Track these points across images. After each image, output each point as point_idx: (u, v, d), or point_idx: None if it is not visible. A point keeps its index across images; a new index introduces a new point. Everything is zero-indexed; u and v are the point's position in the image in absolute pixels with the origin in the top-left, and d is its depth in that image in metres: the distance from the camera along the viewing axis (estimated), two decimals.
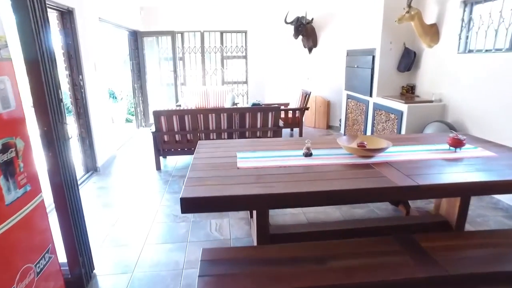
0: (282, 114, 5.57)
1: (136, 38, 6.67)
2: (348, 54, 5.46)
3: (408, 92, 4.45)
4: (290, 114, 5.72)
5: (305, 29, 6.10)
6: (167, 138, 4.16)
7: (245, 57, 7.61)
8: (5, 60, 1.42)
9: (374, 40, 4.47)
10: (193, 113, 4.03)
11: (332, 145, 2.32)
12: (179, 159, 4.69)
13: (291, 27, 6.17)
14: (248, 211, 2.84)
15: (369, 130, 4.76)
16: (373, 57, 4.52)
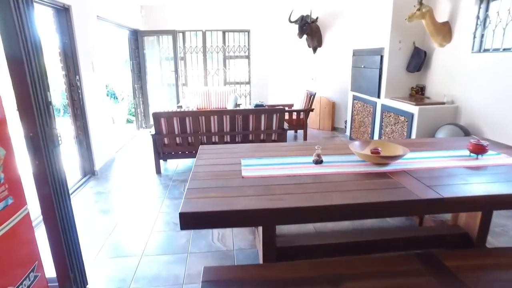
0: (286, 116, 5.42)
1: (137, 37, 6.52)
2: (355, 54, 5.29)
3: (418, 93, 4.28)
4: (295, 116, 5.56)
5: (310, 28, 5.94)
6: (168, 141, 4.00)
7: (248, 57, 7.46)
8: None
9: (383, 39, 4.31)
10: (195, 115, 3.87)
11: (344, 151, 2.16)
12: (180, 162, 4.54)
13: (296, 26, 6.00)
14: None
15: (377, 133, 4.59)
16: (381, 57, 4.36)
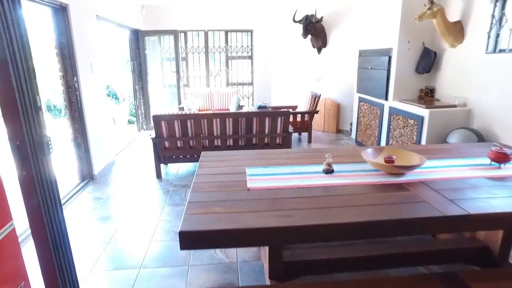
0: (290, 118, 5.27)
1: (138, 38, 6.40)
2: (361, 55, 5.15)
3: (427, 96, 4.13)
4: (299, 118, 5.42)
5: (315, 28, 5.80)
6: (168, 145, 3.87)
7: (251, 58, 7.33)
8: None
9: (391, 40, 4.16)
10: (196, 118, 3.74)
11: (355, 159, 2.02)
12: (181, 166, 4.41)
13: (300, 26, 5.86)
14: None
15: (384, 136, 4.44)
16: (389, 58, 4.21)
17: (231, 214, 1.36)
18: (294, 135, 5.96)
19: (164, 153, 3.90)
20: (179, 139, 3.83)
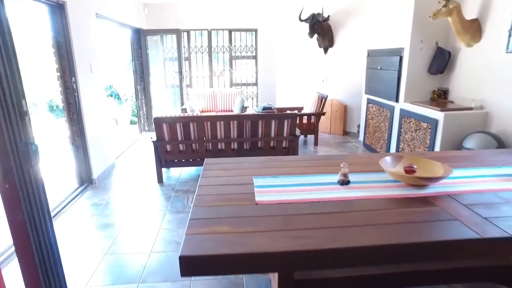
0: (297, 120, 5.11)
1: (139, 37, 6.26)
2: (369, 55, 4.97)
3: (440, 97, 3.95)
4: (305, 120, 5.25)
5: (321, 27, 5.62)
6: (170, 148, 3.72)
7: (255, 57, 7.17)
8: None
9: (402, 39, 3.98)
10: (199, 121, 3.58)
11: (372, 167, 1.86)
12: (184, 169, 4.26)
13: (306, 25, 5.69)
14: None
15: (395, 139, 4.27)
16: (401, 58, 4.03)
17: (239, 235, 1.20)
18: (300, 138, 5.79)
19: (166, 157, 3.74)
20: (181, 143, 3.67)
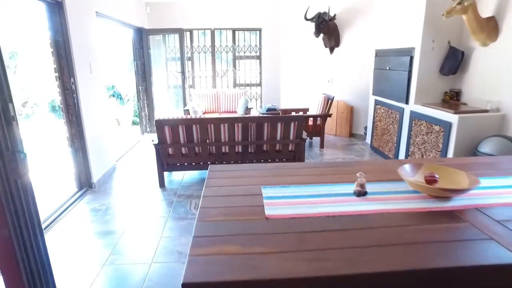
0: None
1: (141, 36, 6.15)
2: (378, 55, 4.83)
3: (452, 99, 3.81)
4: (311, 122, 5.12)
5: (327, 27, 5.48)
6: (172, 151, 3.59)
7: (259, 58, 7.04)
8: None
9: (413, 38, 3.84)
10: (202, 123, 3.46)
11: (389, 176, 1.71)
12: (186, 173, 4.14)
13: (311, 24, 5.56)
14: None
15: (404, 142, 4.12)
16: (411, 58, 3.89)
17: (248, 257, 1.07)
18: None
19: (168, 160, 3.62)
20: (184, 146, 3.55)
